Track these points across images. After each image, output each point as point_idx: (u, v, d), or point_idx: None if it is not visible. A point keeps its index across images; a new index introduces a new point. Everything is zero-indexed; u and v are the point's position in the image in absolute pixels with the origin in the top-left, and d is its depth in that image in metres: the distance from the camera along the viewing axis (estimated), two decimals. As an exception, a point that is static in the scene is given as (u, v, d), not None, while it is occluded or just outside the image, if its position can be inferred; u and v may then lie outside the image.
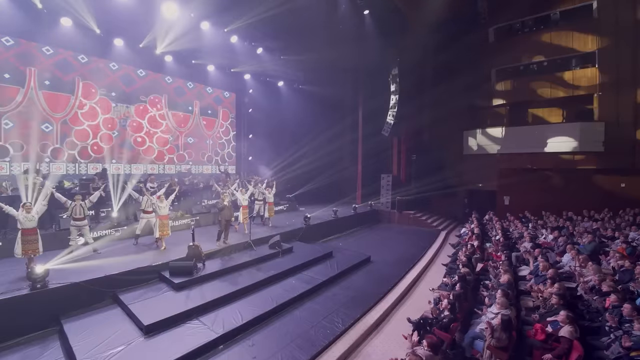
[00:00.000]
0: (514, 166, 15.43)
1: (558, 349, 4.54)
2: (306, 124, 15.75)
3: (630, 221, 11.07)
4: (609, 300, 5.38)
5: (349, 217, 13.74)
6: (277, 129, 15.27)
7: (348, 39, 11.62)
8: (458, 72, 15.20)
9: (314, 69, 13.28)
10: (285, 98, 14.94)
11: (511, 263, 7.90)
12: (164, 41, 10.56)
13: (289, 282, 7.14)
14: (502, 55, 15.72)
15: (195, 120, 14.18)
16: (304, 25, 10.64)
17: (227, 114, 14.95)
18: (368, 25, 11.28)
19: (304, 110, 15.07)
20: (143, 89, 12.58)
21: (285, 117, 15.08)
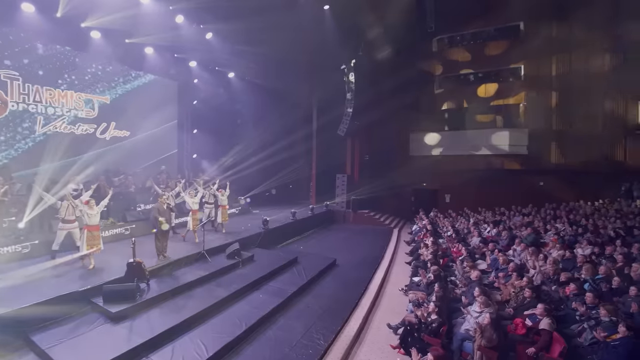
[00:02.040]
0: (453, 167, 16.67)
1: (539, 341, 4.63)
2: (259, 120, 14.71)
3: (552, 214, 12.71)
4: (568, 289, 5.83)
5: (307, 218, 13.21)
6: (227, 124, 13.92)
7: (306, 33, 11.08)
8: (406, 77, 15.83)
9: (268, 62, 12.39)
10: (237, 91, 13.66)
11: (473, 258, 8.23)
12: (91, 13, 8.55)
13: (255, 297, 6.26)
14: (444, 64, 16.91)
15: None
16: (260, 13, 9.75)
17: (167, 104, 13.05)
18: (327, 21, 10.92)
19: (257, 105, 14.02)
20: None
21: (236, 112, 13.83)
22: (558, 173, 14.77)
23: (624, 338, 4.13)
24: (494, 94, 16.06)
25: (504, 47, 15.56)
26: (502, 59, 15.63)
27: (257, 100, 14.06)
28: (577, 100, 14.37)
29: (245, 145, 14.39)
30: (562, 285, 6.05)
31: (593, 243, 8.26)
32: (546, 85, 14.97)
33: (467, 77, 16.50)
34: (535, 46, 14.80)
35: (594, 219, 10.76)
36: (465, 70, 16.51)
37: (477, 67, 16.22)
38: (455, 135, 16.71)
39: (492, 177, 15.90)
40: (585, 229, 9.95)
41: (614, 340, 4.22)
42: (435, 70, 17.05)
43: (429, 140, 17.18)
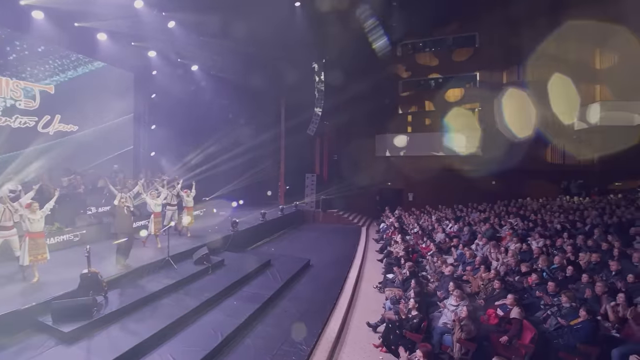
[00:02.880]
0: (416, 167, 17.36)
1: (511, 330, 4.86)
2: (224, 117, 13.97)
3: (504, 211, 13.73)
4: (530, 279, 6.25)
5: (277, 219, 12.84)
6: (189, 120, 12.98)
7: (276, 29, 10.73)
8: (373, 79, 16.16)
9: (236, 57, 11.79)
10: (200, 85, 12.79)
11: (441, 253, 8.54)
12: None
13: (229, 304, 5.84)
14: (407, 69, 17.57)
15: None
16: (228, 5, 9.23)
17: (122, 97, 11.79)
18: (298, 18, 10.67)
19: (223, 102, 13.28)
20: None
21: (199, 107, 12.95)
22: (508, 173, 16.02)
23: (584, 321, 4.48)
24: (453, 98, 17.01)
25: (462, 55, 16.55)
26: (460, 67, 16.62)
27: (223, 97, 13.35)
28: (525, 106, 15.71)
29: (210, 143, 13.61)
30: (524, 275, 6.47)
31: (544, 236, 9.00)
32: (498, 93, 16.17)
33: (428, 82, 17.32)
34: (488, 57, 15.96)
35: (542, 214, 11.79)
36: (427, 76, 17.31)
37: (437, 72, 17.08)
38: (417, 137, 17.42)
39: (450, 176, 16.80)
40: (535, 223, 10.84)
41: (577, 324, 4.56)
42: (400, 74, 17.64)
43: (394, 142, 17.71)
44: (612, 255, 6.60)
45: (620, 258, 6.38)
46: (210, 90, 12.96)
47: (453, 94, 16.90)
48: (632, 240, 7.58)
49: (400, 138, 17.43)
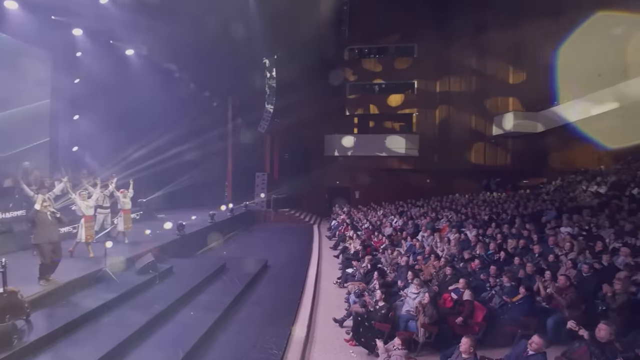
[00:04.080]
0: (362, 166, 18.13)
1: (465, 311, 5.28)
2: (163, 111, 12.51)
3: (439, 205, 15.10)
4: (473, 264, 6.93)
5: (227, 220, 12.07)
6: (121, 113, 11.29)
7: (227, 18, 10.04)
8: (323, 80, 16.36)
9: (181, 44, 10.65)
10: (136, 73, 11.18)
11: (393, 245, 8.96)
12: None
13: (185, 316, 5.21)
14: (354, 73, 18.22)
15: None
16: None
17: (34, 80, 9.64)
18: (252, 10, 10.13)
19: (163, 93, 11.88)
20: None
21: (135, 98, 11.36)
22: (440, 172, 17.71)
23: (524, 297, 5.09)
24: (394, 103, 18.17)
25: (403, 64, 17.79)
26: (401, 74, 17.85)
27: (163, 88, 11.97)
28: (452, 115, 17.59)
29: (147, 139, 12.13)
30: (467, 261, 7.15)
31: (476, 226, 10.12)
32: (432, 100, 17.78)
33: (373, 87, 18.22)
34: (425, 67, 17.45)
35: (470, 208, 13.25)
36: (371, 80, 18.19)
37: (381, 78, 18.08)
38: (363, 138, 18.17)
39: (392, 175, 17.95)
40: (466, 215, 12.14)
41: (518, 300, 5.18)
42: (348, 77, 18.19)
43: (342, 142, 18.17)
44: (532, 241, 7.72)
45: (539, 242, 7.50)
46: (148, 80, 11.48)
47: (395, 99, 18.04)
48: (544, 227, 8.94)
49: (348, 139, 17.96)
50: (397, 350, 3.78)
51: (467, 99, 17.18)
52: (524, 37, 14.92)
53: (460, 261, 7.28)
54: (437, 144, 17.82)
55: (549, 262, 6.37)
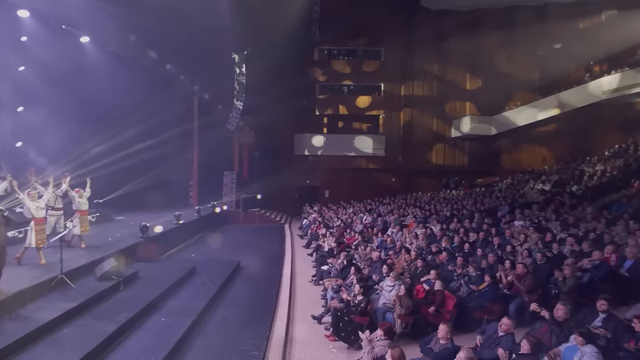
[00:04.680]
0: (331, 166, 18.29)
1: (436, 300, 5.55)
2: (123, 105, 11.51)
3: (405, 202, 15.72)
4: (441, 256, 7.29)
5: (194, 221, 11.47)
6: (74, 106, 10.16)
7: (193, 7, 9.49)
8: (293, 79, 16.23)
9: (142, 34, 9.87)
10: (92, 63, 10.11)
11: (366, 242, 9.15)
12: None
13: (156, 322, 4.86)
14: (323, 73, 18.33)
15: None
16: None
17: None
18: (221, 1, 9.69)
19: (122, 85, 10.89)
20: None
21: (90, 91, 10.29)
22: (404, 171, 18.43)
23: (489, 285, 5.47)
24: (362, 105, 18.58)
25: (370, 67, 18.25)
26: (368, 77, 18.31)
27: (122, 80, 11.01)
28: (416, 117, 18.41)
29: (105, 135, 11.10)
30: (435, 254, 7.53)
31: (440, 221, 10.70)
32: (397, 103, 18.44)
33: (342, 88, 18.50)
34: (390, 71, 18.08)
35: (433, 204, 13.98)
36: (341, 81, 18.45)
37: (350, 80, 18.41)
38: (332, 138, 18.32)
39: (360, 174, 18.34)
40: (429, 212, 12.79)
41: (484, 288, 5.54)
42: (318, 77, 18.25)
43: (312, 141, 18.18)
44: (491, 233, 8.34)
45: (497, 235, 8.12)
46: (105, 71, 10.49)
47: (362, 100, 18.46)
48: (500, 221, 9.71)
49: (318, 138, 18.02)
50: (380, 340, 3.86)
51: (429, 103, 18.09)
52: (479, 47, 16.09)
53: (429, 254, 7.64)
54: (402, 145, 18.52)
55: (507, 252, 6.92)
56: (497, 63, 15.57)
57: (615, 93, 13.22)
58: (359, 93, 18.45)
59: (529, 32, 14.24)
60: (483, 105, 16.70)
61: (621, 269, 5.31)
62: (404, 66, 17.84)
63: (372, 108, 18.60)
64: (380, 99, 18.44)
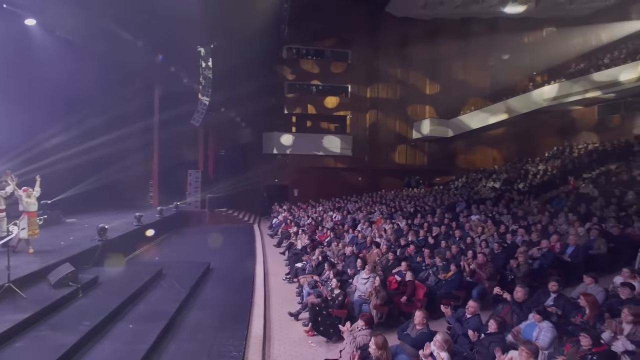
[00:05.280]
0: (300, 165, 18.28)
1: (408, 290, 5.82)
2: (74, 97, 10.38)
3: (371, 200, 16.20)
4: (409, 249, 7.65)
5: (156, 222, 10.74)
6: (19, 96, 8.92)
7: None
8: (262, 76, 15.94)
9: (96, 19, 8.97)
10: (39, 48, 8.92)
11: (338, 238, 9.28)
12: None
13: (123, 330, 4.48)
14: (291, 72, 18.23)
15: None
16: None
17: None
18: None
19: (73, 75, 9.77)
20: None
21: (35, 79, 9.11)
22: (370, 170, 19.00)
23: (455, 273, 5.86)
24: (330, 105, 18.80)
25: (338, 68, 18.53)
26: (336, 78, 18.58)
27: (75, 69, 9.90)
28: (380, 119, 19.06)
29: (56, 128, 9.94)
30: (403, 247, 7.88)
31: (405, 217, 11.22)
32: (363, 104, 18.94)
33: (310, 87, 18.56)
34: (357, 73, 18.53)
35: (397, 202, 14.59)
36: (309, 81, 18.49)
37: (318, 80, 18.52)
38: (301, 137, 18.29)
39: (328, 173, 18.55)
40: (395, 208, 13.33)
41: (450, 277, 5.93)
42: (286, 76, 18.11)
43: (280, 140, 18.00)
44: (452, 227, 8.93)
45: (458, 228, 8.72)
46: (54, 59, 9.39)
47: (330, 101, 18.67)
48: (458, 216, 10.43)
49: (286, 137, 17.88)
50: (361, 330, 3.95)
51: (393, 106, 18.84)
52: (438, 55, 17.14)
53: (398, 247, 7.97)
54: (368, 145, 19.07)
55: (468, 243, 7.47)
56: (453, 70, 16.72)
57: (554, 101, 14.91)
58: (327, 93, 18.65)
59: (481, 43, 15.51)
60: (441, 109, 17.80)
61: (564, 255, 6.01)
62: (370, 69, 18.38)
63: (339, 109, 18.90)
64: (348, 100, 18.81)
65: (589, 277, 4.50)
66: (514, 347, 3.50)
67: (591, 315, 3.69)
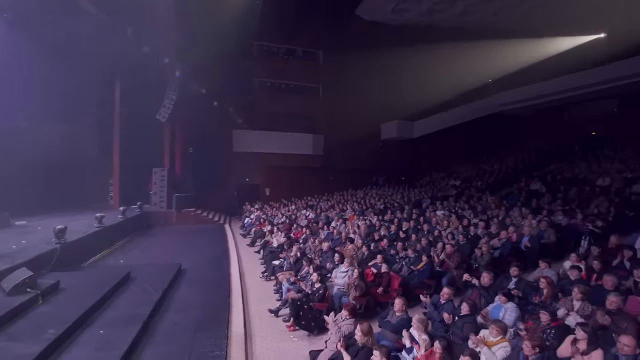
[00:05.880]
0: (272, 163, 18.07)
1: (384, 282, 6.06)
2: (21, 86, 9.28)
3: (343, 198, 16.49)
4: (383, 243, 7.94)
5: (119, 224, 9.99)
6: None
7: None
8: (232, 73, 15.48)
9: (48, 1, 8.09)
10: None
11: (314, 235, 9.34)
12: None
13: (93, 336, 4.12)
14: (262, 70, 17.95)
15: None
16: None
17: None
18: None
19: (22, 62, 8.69)
20: None
21: None
22: (340, 169, 19.30)
23: (426, 264, 6.21)
24: (302, 104, 18.80)
25: (309, 68, 18.60)
26: (307, 78, 18.63)
27: (24, 56, 8.82)
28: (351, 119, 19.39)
29: None
30: (377, 241, 8.16)
31: (376, 213, 11.60)
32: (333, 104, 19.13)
33: (281, 86, 18.42)
34: (327, 73, 18.73)
35: (367, 199, 15.02)
36: (280, 79, 18.33)
37: (289, 79, 18.43)
38: (273, 136, 18.04)
39: (300, 172, 18.53)
40: (365, 205, 13.73)
41: (421, 267, 6.27)
42: (257, 73, 17.79)
43: (251, 138, 17.64)
44: (419, 222, 9.42)
45: (425, 222, 9.23)
46: None
47: (302, 100, 18.68)
48: (425, 211, 11.02)
49: (258, 135, 17.57)
50: (345, 320, 4.06)
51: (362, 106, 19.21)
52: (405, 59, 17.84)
53: (372, 241, 8.24)
54: (338, 145, 19.32)
55: (435, 236, 7.94)
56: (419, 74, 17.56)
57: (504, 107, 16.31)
58: (299, 92, 18.63)
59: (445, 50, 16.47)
60: (407, 111, 18.60)
61: (520, 244, 6.64)
62: (340, 70, 18.64)
63: (311, 108, 18.98)
64: (319, 99, 18.95)
65: (543, 262, 5.03)
66: (484, 326, 3.83)
67: (549, 295, 4.14)
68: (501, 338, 3.38)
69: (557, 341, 3.26)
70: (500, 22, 15.62)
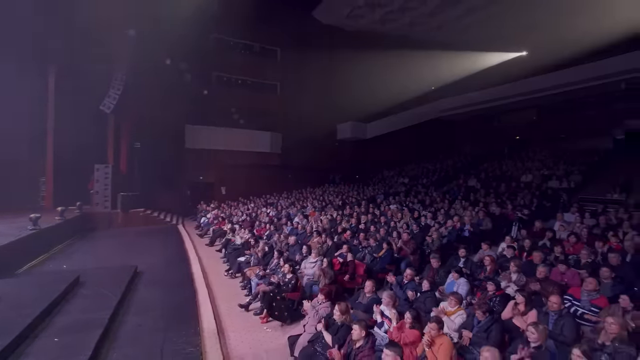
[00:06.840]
0: (228, 161, 17.45)
1: (349, 269, 6.41)
2: None
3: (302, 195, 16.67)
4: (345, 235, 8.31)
5: (57, 226, 8.81)
6: None
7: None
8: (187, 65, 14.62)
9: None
10: None
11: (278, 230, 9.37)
12: None
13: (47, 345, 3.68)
14: (220, 64, 17.24)
15: None
16: None
17: None
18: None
19: None
20: None
21: None
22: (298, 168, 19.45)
23: (386, 251, 6.71)
24: (260, 101, 18.49)
25: (267, 65, 18.37)
26: (265, 75, 18.39)
27: None
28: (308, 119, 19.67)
29: None
30: (340, 234, 8.52)
31: (336, 209, 12.03)
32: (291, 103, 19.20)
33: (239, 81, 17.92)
34: (285, 72, 18.73)
35: (326, 196, 15.45)
36: (238, 75, 17.80)
37: (246, 75, 18.00)
38: (229, 132, 17.43)
39: (258, 170, 18.23)
40: (325, 202, 14.12)
41: (382, 254, 6.76)
42: (214, 68, 17.03)
43: (206, 134, 16.82)
44: (376, 215, 10.07)
45: (382, 215, 9.89)
46: None
47: (260, 97, 18.37)
48: (379, 205, 11.77)
49: (213, 131, 16.81)
50: (322, 303, 4.27)
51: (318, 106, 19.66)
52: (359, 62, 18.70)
53: (335, 234, 8.58)
54: (296, 143, 19.43)
55: (391, 227, 8.59)
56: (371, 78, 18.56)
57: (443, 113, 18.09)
58: (257, 89, 18.30)
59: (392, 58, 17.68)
60: (361, 113, 19.50)
61: (464, 231, 7.56)
62: (297, 69, 18.80)
63: (269, 105, 18.76)
64: (277, 97, 18.84)
65: (485, 244, 5.86)
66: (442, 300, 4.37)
67: (492, 270, 4.87)
68: (458, 307, 3.90)
69: (502, 306, 3.90)
70: (441, 35, 17.28)
